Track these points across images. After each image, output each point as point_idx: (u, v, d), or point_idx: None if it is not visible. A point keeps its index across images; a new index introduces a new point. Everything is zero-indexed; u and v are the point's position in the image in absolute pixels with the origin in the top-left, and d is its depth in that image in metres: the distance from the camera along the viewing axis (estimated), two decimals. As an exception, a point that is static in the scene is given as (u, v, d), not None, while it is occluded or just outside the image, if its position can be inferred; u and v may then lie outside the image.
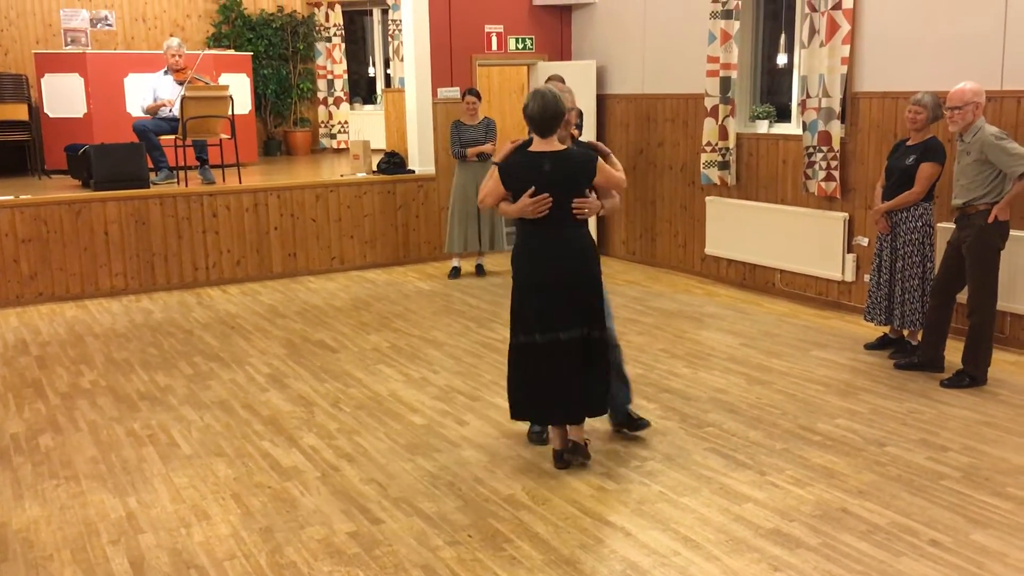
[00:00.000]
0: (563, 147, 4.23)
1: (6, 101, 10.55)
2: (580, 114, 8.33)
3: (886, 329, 6.21)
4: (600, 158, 4.30)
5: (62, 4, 11.82)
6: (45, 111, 10.51)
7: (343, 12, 13.26)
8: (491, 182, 4.30)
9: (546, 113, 4.13)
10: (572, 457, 4.38)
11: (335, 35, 13.25)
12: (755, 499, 4.02)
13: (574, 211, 4.22)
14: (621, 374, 4.68)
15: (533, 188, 4.16)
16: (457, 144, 8.48)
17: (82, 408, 5.39)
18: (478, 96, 8.54)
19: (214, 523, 3.89)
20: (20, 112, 10.43)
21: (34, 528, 3.89)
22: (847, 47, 6.96)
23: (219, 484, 4.29)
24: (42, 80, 10.47)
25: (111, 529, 3.86)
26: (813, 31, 7.15)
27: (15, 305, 7.93)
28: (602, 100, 9.54)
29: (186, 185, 8.74)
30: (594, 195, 4.34)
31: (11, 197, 8.03)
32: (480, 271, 8.97)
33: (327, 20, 13.21)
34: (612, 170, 4.34)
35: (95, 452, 4.71)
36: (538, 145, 4.21)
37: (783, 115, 8.05)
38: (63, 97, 10.43)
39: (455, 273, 8.92)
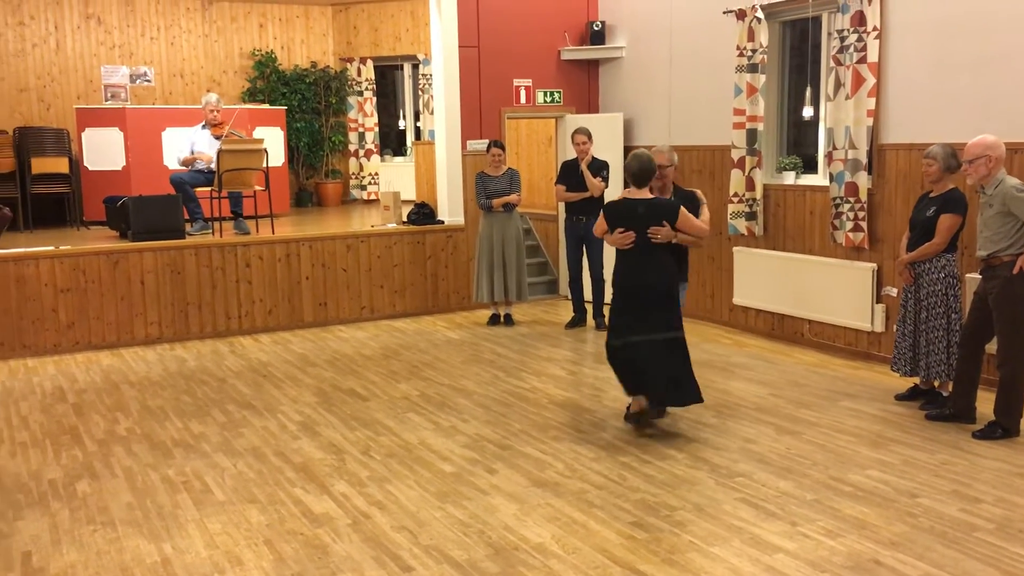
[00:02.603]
0: (652, 196, 5.59)
1: (48, 154, 10.85)
2: (606, 165, 8.52)
3: (916, 380, 6.18)
4: (682, 207, 5.52)
5: (103, 61, 12.18)
6: (85, 164, 10.77)
7: (375, 67, 13.56)
8: (599, 220, 5.66)
9: (642, 170, 5.51)
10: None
11: (367, 89, 13.53)
12: (786, 550, 4.01)
13: (649, 236, 5.47)
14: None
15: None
16: (483, 195, 8.61)
17: (118, 455, 5.48)
18: (503, 148, 8.69)
19: (247, 569, 3.94)
20: (61, 165, 10.73)
21: (71, 573, 3.95)
22: (873, 100, 7.03)
23: (252, 530, 4.34)
24: (83, 134, 10.76)
25: (146, 574, 3.91)
26: (839, 84, 7.24)
27: (52, 353, 8.09)
28: (629, 152, 9.64)
29: (220, 236, 8.92)
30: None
31: (51, 248, 8.24)
32: (509, 321, 9.03)
33: (359, 75, 13.51)
34: (691, 218, 5.55)
35: (131, 498, 4.78)
36: (635, 193, 5.56)
37: (810, 166, 8.12)
38: (103, 150, 10.70)
39: (494, 320, 9.01)
